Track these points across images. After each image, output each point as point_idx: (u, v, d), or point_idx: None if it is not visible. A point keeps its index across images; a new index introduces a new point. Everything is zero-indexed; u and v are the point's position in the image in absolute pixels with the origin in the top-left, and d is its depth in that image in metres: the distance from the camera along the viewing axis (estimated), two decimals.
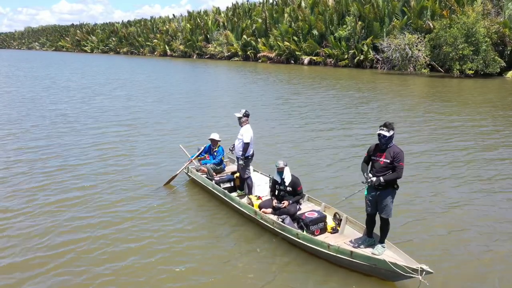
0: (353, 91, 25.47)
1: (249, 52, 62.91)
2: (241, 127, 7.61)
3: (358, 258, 5.26)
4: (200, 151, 8.86)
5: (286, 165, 6.74)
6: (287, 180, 6.68)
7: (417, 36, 36.66)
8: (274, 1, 66.80)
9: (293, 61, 54.55)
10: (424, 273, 4.72)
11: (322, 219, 6.27)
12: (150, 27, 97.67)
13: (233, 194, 7.64)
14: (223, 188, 7.79)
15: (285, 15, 58.16)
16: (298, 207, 6.66)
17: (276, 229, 6.22)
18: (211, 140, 8.70)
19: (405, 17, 41.62)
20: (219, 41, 67.90)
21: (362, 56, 44.90)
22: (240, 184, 7.98)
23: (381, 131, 5.23)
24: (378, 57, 41.31)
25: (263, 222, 6.49)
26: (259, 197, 7.39)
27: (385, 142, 5.27)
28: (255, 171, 8.28)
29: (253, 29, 63.62)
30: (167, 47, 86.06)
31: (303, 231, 6.05)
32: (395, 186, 5.35)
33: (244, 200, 7.28)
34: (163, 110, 18.10)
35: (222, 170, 8.76)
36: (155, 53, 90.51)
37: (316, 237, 5.90)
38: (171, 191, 8.44)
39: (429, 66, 36.70)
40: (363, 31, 45.51)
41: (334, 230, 6.28)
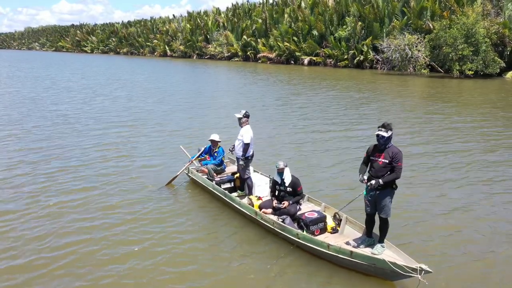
0: (353, 91, 25.49)
1: (249, 52, 62.92)
2: (241, 127, 7.65)
3: (358, 258, 5.30)
4: (200, 152, 8.90)
5: (286, 166, 6.78)
6: (287, 180, 6.72)
7: (417, 36, 36.68)
8: (274, 2, 66.89)
9: (293, 62, 54.53)
10: (423, 272, 4.75)
11: (322, 219, 6.32)
12: (150, 27, 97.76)
13: (234, 195, 7.68)
14: (224, 189, 7.82)
15: (285, 16, 58.20)
16: (298, 207, 6.70)
17: (276, 229, 6.27)
18: (211, 141, 8.73)
19: (405, 17, 41.64)
20: (219, 41, 67.93)
21: (362, 56, 44.91)
22: (240, 184, 8.04)
23: (379, 132, 5.30)
24: (378, 57, 41.27)
25: (263, 222, 6.53)
26: (259, 198, 7.43)
27: (383, 143, 5.33)
28: (255, 171, 8.32)
29: (253, 29, 63.64)
30: (167, 48, 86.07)
31: (303, 231, 6.09)
32: (393, 186, 5.42)
33: (244, 201, 7.32)
34: (163, 111, 18.14)
35: (223, 171, 8.79)
36: (155, 54, 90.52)
37: (316, 237, 5.94)
38: (172, 192, 8.48)
39: (429, 67, 36.71)
40: (363, 31, 45.52)
41: (334, 230, 6.33)
